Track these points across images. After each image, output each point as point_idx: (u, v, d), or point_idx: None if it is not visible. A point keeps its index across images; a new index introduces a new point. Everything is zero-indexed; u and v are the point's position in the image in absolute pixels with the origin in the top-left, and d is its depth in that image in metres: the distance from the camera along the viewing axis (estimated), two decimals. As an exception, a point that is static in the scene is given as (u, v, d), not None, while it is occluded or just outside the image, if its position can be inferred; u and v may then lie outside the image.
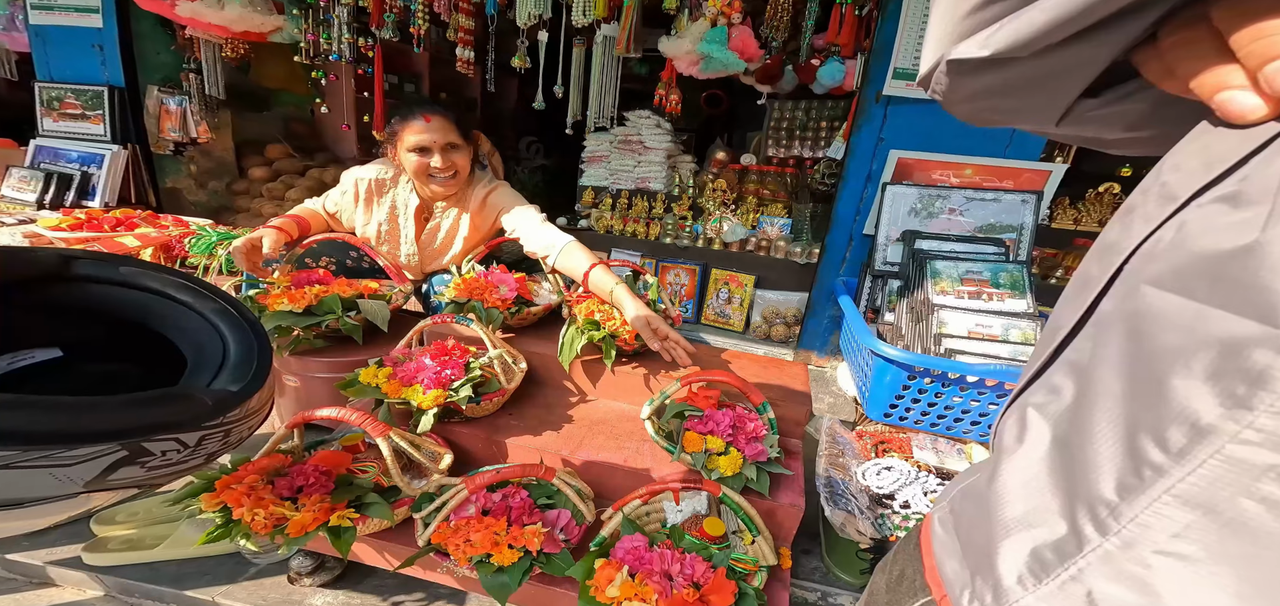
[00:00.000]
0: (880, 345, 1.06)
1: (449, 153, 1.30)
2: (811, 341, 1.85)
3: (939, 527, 0.34)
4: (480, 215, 1.46)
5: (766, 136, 2.26)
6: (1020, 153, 1.29)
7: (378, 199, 1.47)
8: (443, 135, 1.28)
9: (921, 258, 1.26)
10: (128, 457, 0.51)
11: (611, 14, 2.00)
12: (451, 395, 1.12)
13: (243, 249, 1.24)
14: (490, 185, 1.46)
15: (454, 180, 1.35)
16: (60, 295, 0.64)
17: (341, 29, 2.12)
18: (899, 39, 1.25)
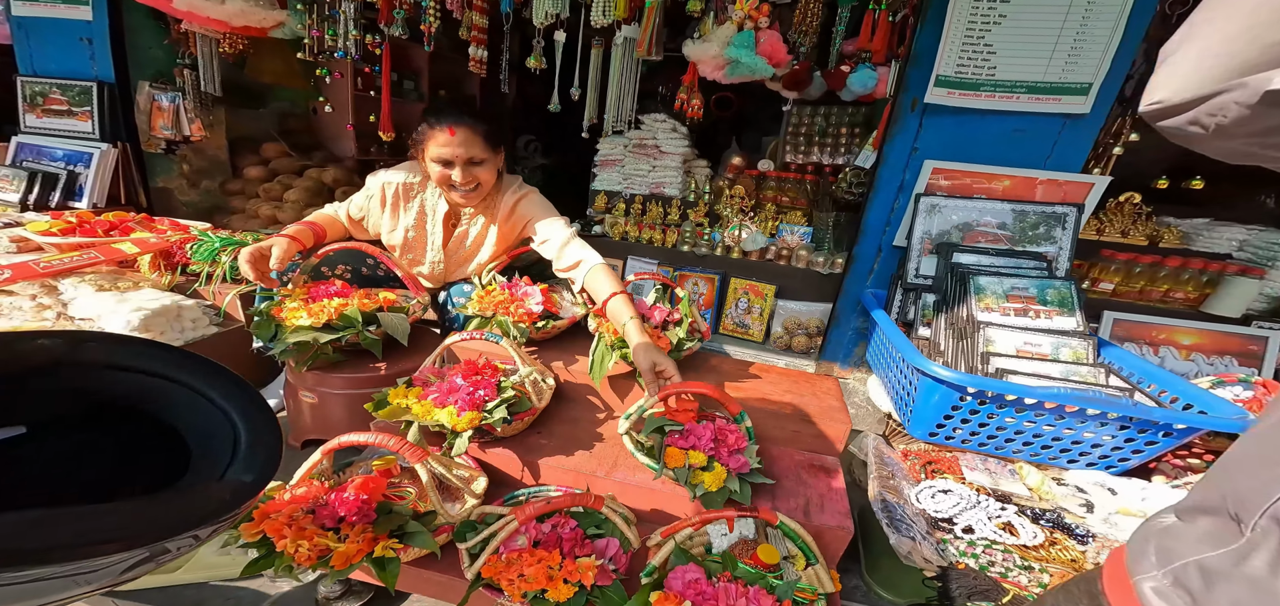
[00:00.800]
0: (930, 365, 1.06)
1: (471, 168, 1.28)
2: (835, 353, 1.85)
3: (1159, 600, 0.33)
4: (508, 224, 1.45)
5: (784, 142, 2.25)
6: (1061, 164, 1.30)
7: (405, 204, 1.44)
8: (466, 149, 1.25)
9: (961, 272, 1.26)
10: (148, 558, 0.49)
11: (632, 15, 1.98)
12: (486, 417, 1.09)
13: (250, 258, 1.20)
14: (519, 192, 1.44)
15: (475, 193, 1.32)
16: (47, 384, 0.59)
17: (348, 25, 2.06)
18: (943, 46, 1.25)
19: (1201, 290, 1.67)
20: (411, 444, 0.92)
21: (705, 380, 1.59)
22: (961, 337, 1.23)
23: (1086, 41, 1.15)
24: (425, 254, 1.48)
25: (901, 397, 1.28)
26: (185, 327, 1.40)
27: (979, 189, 1.35)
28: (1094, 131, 1.24)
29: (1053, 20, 1.16)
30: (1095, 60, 1.15)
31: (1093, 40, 1.14)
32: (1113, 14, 1.11)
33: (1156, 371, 1.12)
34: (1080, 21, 1.14)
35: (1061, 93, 1.20)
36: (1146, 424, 0.98)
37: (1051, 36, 1.17)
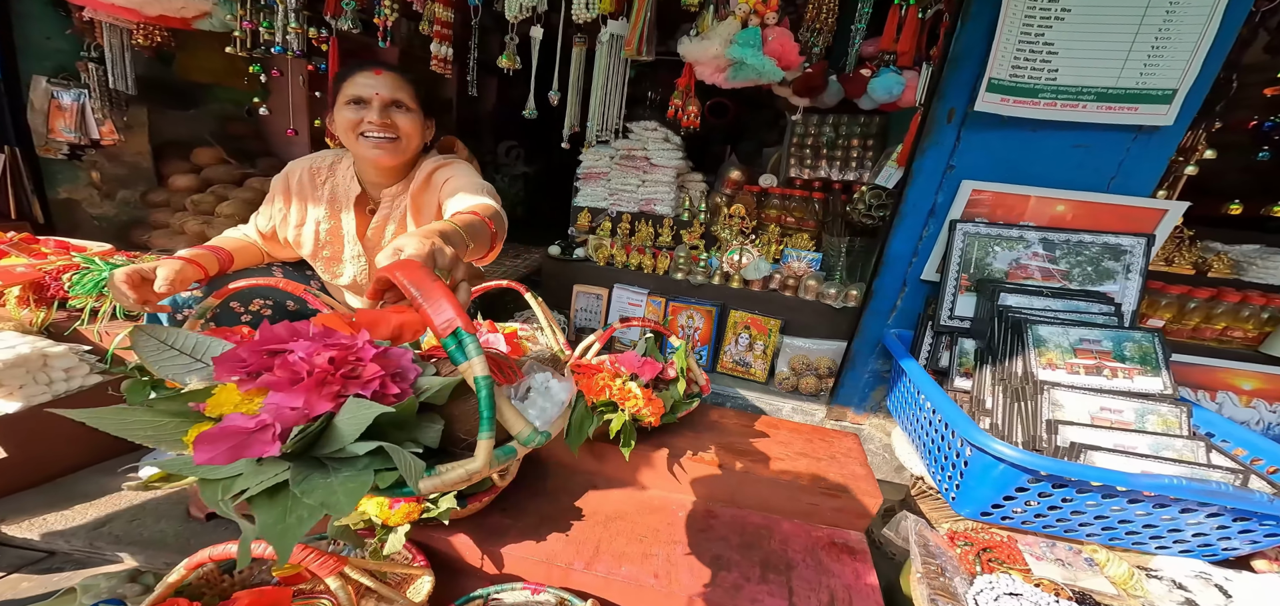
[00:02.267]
0: (993, 442, 0.86)
1: (392, 110, 1.09)
2: (849, 397, 1.66)
3: None
4: (424, 195, 1.18)
5: (788, 154, 2.07)
6: (1128, 186, 1.12)
7: (314, 191, 1.19)
8: (389, 90, 1.08)
9: (1013, 319, 1.07)
10: None
11: (620, 9, 1.79)
12: (428, 507, 0.86)
13: (126, 279, 0.89)
14: (439, 161, 1.20)
15: (394, 146, 1.11)
16: None
17: (287, 17, 1.82)
18: (997, 44, 1.07)
19: (1261, 328, 1.52)
20: (319, 551, 0.69)
21: (704, 440, 1.39)
22: (1018, 398, 1.04)
23: (1171, 40, 0.98)
24: (343, 251, 1.23)
25: (940, 462, 1.08)
26: (54, 380, 1.13)
27: (1028, 215, 1.17)
28: (1171, 147, 1.07)
29: (1129, 16, 0.99)
30: (1181, 63, 0.98)
31: (1178, 39, 0.97)
32: (1204, 9, 0.94)
33: (1263, 442, 0.95)
34: (1164, 17, 0.97)
35: (1139, 100, 1.02)
36: (1270, 517, 0.80)
37: (1128, 34, 1.00)
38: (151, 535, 1.01)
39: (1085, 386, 0.97)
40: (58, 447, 1.15)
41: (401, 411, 0.46)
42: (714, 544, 1.12)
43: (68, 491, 1.10)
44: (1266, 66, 1.35)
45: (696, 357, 1.87)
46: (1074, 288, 1.13)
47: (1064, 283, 1.14)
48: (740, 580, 1.03)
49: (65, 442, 1.15)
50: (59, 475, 1.15)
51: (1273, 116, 1.34)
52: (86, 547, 0.98)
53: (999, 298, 1.11)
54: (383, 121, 1.08)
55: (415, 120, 1.13)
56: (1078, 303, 1.09)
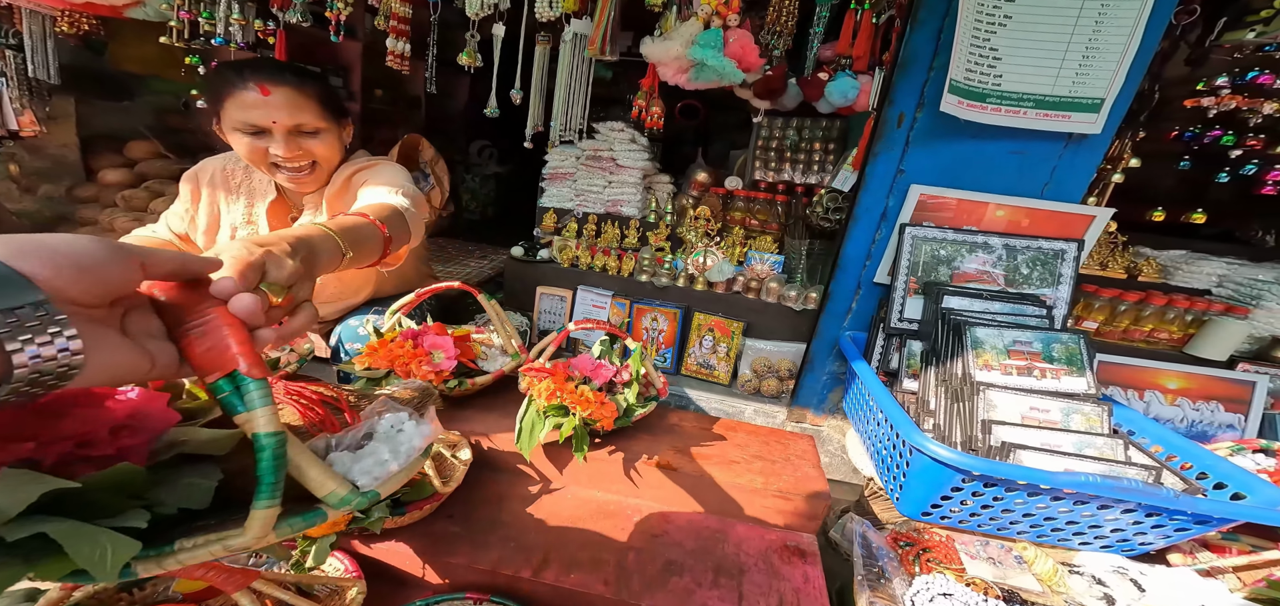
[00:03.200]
0: (929, 443, 0.89)
1: (299, 138, 0.97)
2: (808, 398, 1.69)
3: None
4: (341, 200, 1.08)
5: (753, 157, 2.10)
6: (1060, 192, 1.18)
7: (227, 194, 1.10)
8: (289, 114, 0.94)
9: (954, 321, 1.11)
10: None
11: (584, 8, 1.78)
12: (360, 519, 0.83)
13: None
14: (361, 163, 1.09)
15: (313, 174, 1.03)
16: None
17: (230, 7, 1.74)
18: (956, 46, 1.10)
19: (1185, 330, 1.62)
20: (224, 567, 0.66)
21: (663, 442, 1.39)
22: (957, 399, 1.08)
23: (1099, 50, 1.03)
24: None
25: (888, 464, 1.12)
26: None
27: (970, 220, 1.22)
28: (1099, 155, 1.13)
29: (1062, 24, 1.03)
30: (1108, 73, 1.04)
31: (1106, 49, 1.03)
32: (1128, 20, 1.00)
33: (1177, 440, 1.01)
34: (1093, 27, 1.02)
35: (1072, 109, 1.08)
36: (1179, 512, 0.85)
37: (1062, 42, 1.04)
38: None
39: (1017, 387, 1.01)
40: None
41: (100, 481, 0.35)
42: (667, 548, 1.12)
43: None
44: (1187, 79, 1.44)
45: (660, 361, 1.88)
46: (1011, 291, 1.18)
47: (1003, 286, 1.18)
48: (692, 585, 1.03)
49: None
50: None
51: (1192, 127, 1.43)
52: None
53: (943, 300, 1.15)
54: (292, 153, 0.96)
55: (329, 138, 1.01)
56: (1015, 306, 1.14)
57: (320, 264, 0.56)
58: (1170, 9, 1.05)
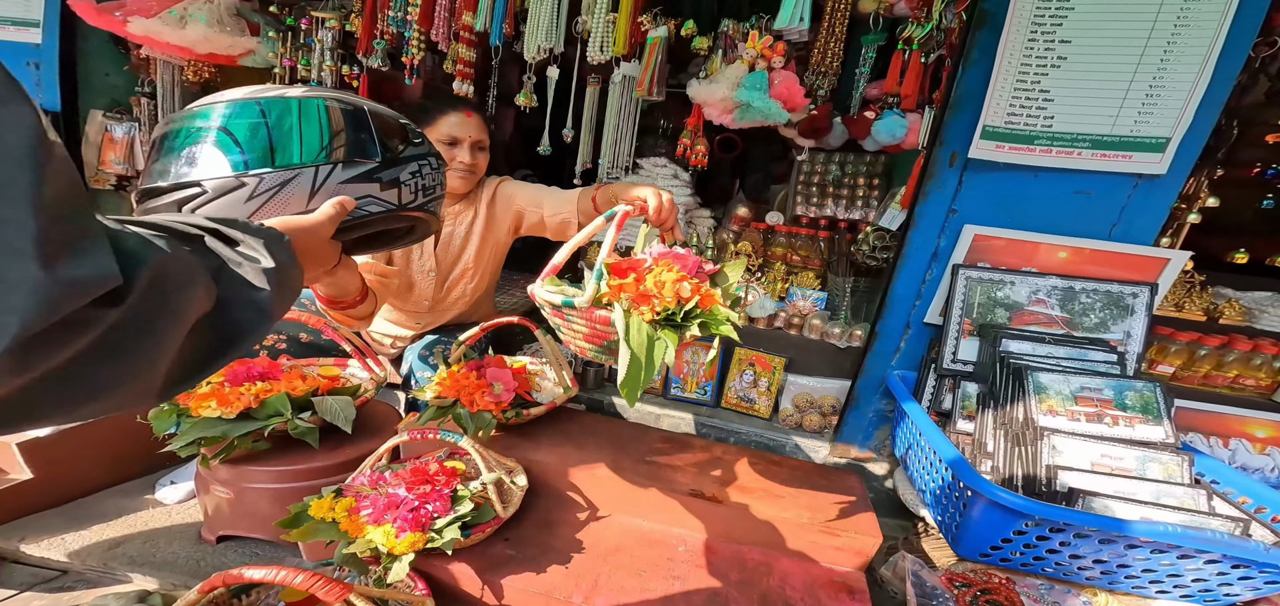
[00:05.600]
0: (995, 489, 0.86)
1: (475, 151, 1.33)
2: (852, 435, 1.64)
3: None
4: (492, 211, 1.44)
5: (795, 192, 2.10)
6: (1130, 234, 1.13)
7: None
8: (476, 133, 1.33)
9: (1015, 365, 1.07)
10: None
11: (632, 52, 1.86)
12: (433, 538, 0.88)
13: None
14: (495, 182, 1.46)
15: (470, 178, 1.35)
16: None
17: (324, 55, 1.93)
18: (991, 92, 1.09)
19: (1274, 376, 1.48)
20: (326, 578, 0.71)
21: (706, 474, 1.39)
22: (1018, 443, 1.03)
23: (1165, 89, 0.99)
24: (413, 265, 1.40)
25: (942, 504, 1.07)
26: None
27: (1031, 261, 1.18)
28: (1171, 196, 1.07)
29: (1123, 64, 1.01)
30: (1174, 112, 1.00)
31: (1172, 88, 0.99)
32: (1197, 59, 0.96)
33: (1268, 491, 0.92)
34: (1158, 66, 0.99)
35: (1133, 149, 1.04)
36: (1270, 565, 0.78)
37: (1122, 83, 1.02)
38: (165, 557, 1.04)
39: (1085, 433, 0.96)
40: (82, 469, 1.19)
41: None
42: (712, 580, 1.11)
43: (88, 512, 1.14)
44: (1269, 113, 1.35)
45: (700, 393, 1.87)
46: (1077, 335, 1.12)
47: (1067, 330, 1.13)
48: (738, 619, 1.01)
49: (89, 464, 1.20)
50: (81, 495, 1.19)
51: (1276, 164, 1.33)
52: (100, 567, 1.01)
53: (1001, 343, 1.10)
54: (470, 161, 1.31)
55: (486, 157, 1.38)
56: (1080, 350, 1.09)
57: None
58: (1248, 42, 1.00)
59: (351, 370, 1.26)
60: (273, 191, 0.59)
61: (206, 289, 0.37)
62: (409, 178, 0.70)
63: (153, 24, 1.66)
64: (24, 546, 1.02)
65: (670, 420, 1.82)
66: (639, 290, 0.71)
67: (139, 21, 1.66)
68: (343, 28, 1.96)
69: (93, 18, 1.72)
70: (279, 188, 0.59)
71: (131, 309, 0.30)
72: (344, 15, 1.95)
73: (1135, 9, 1.00)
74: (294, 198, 0.60)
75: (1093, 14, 1.04)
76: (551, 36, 1.85)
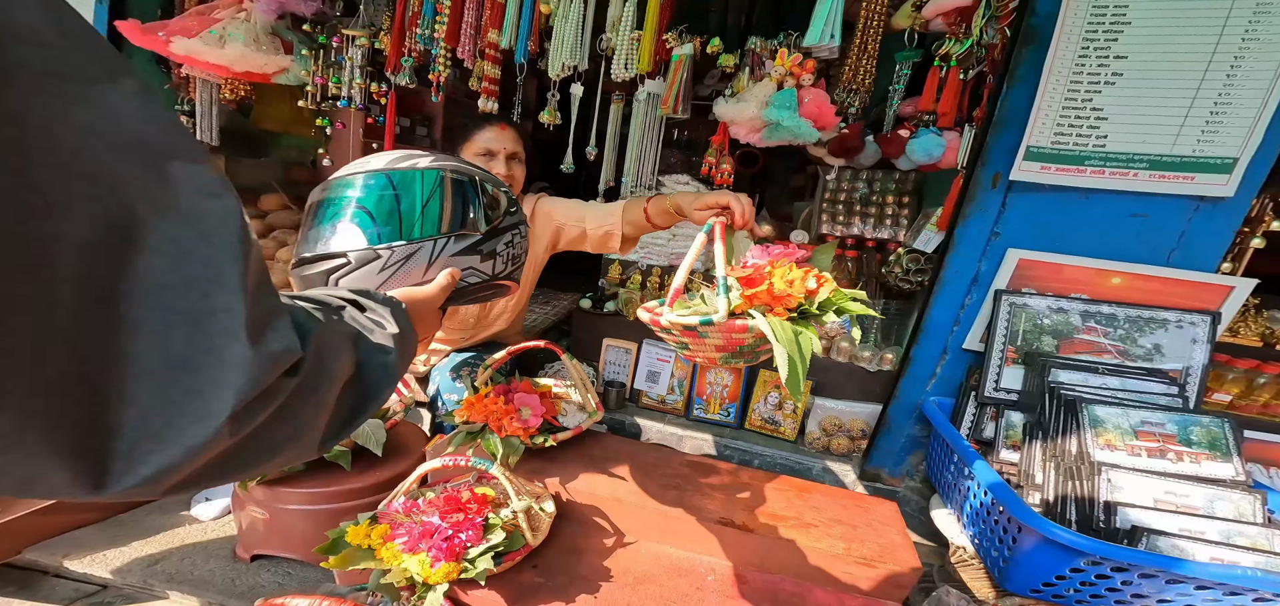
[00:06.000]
0: (1056, 529, 0.81)
1: (511, 162, 1.39)
2: (883, 460, 1.59)
3: None
4: (532, 227, 1.44)
5: (820, 210, 2.06)
6: (1190, 260, 1.07)
7: None
8: (511, 145, 1.38)
9: (1067, 397, 1.02)
10: None
11: (657, 69, 1.85)
12: (467, 568, 0.86)
13: None
14: (536, 197, 1.50)
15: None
16: None
17: (354, 72, 1.96)
18: (1036, 111, 1.05)
19: (1342, 407, 1.39)
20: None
21: (734, 500, 1.35)
22: (1072, 478, 0.98)
23: (1231, 107, 0.94)
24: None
25: (986, 535, 1.02)
26: None
27: (1081, 287, 1.13)
28: (1237, 219, 1.02)
29: (1185, 81, 0.96)
30: (1242, 131, 0.94)
31: (1240, 107, 0.94)
32: (1266, 76, 0.91)
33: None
34: (1224, 83, 0.94)
35: (1196, 169, 0.98)
36: None
37: (1183, 101, 0.97)
38: (201, 574, 1.04)
39: (1148, 469, 0.91)
40: None
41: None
42: (745, 615, 1.07)
43: (128, 527, 1.15)
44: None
45: (724, 414, 1.84)
46: (1133, 365, 1.07)
47: (1121, 359, 1.07)
48: (774, 658, 0.97)
49: None
50: (120, 512, 1.20)
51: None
52: (139, 583, 1.01)
53: (1050, 373, 1.05)
54: (507, 172, 1.36)
55: (523, 168, 1.43)
56: (1136, 381, 1.03)
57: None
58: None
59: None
60: (401, 263, 0.65)
61: (351, 355, 0.42)
62: (503, 248, 0.76)
63: (194, 44, 1.71)
64: (67, 561, 1.03)
65: (692, 442, 1.79)
66: (772, 294, 0.75)
67: (181, 41, 1.71)
68: (372, 45, 1.99)
69: (138, 38, 1.78)
70: (406, 260, 0.66)
71: (304, 376, 0.34)
72: (373, 33, 1.98)
73: (1199, 25, 0.96)
74: (415, 269, 0.66)
75: (1151, 30, 0.99)
76: (576, 54, 1.85)
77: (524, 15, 1.87)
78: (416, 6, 1.91)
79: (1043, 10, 1.13)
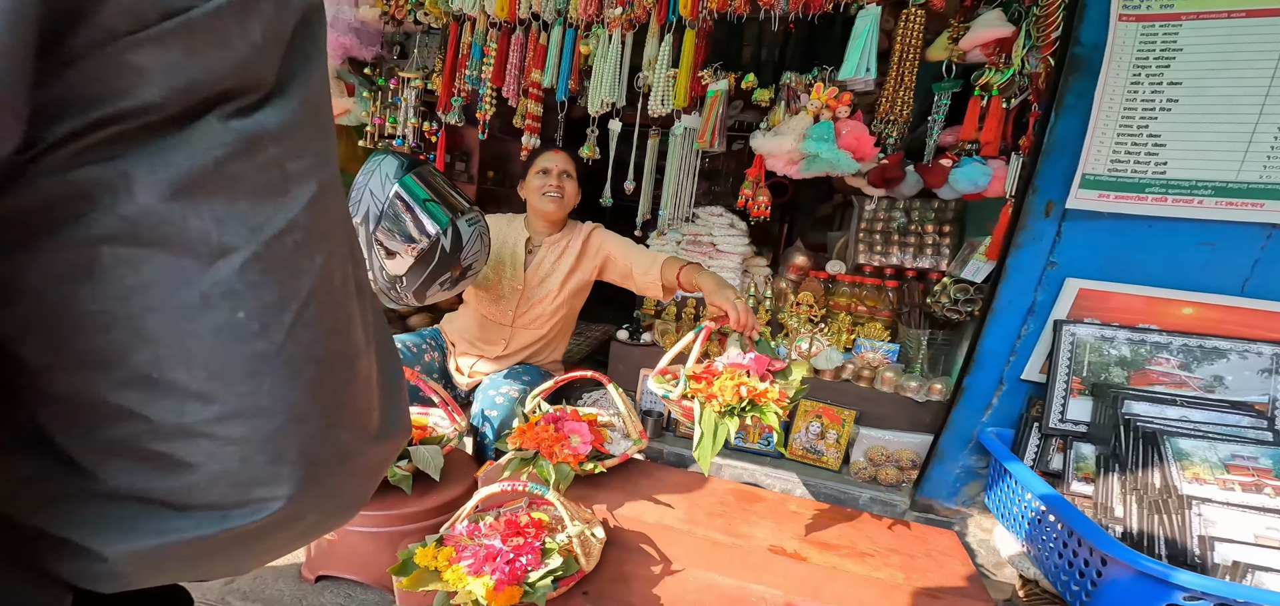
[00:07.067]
0: (1155, 565, 0.76)
1: (563, 178, 1.57)
2: (936, 490, 1.52)
3: None
4: (584, 249, 1.61)
5: (856, 240, 2.05)
6: (1266, 289, 1.02)
7: (497, 241, 1.61)
8: (564, 164, 1.58)
9: (1147, 430, 0.97)
10: None
11: (692, 104, 1.91)
12: (527, 592, 0.85)
13: None
14: (589, 227, 1.64)
15: (561, 201, 1.56)
16: None
17: (407, 112, 2.07)
18: (1090, 138, 1.04)
19: None
20: None
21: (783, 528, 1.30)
22: (1158, 512, 0.92)
23: (1299, 132, 0.92)
24: (504, 275, 1.62)
25: (1063, 569, 0.96)
26: None
27: (1149, 318, 1.08)
28: (1314, 248, 0.97)
29: (1245, 107, 0.94)
30: (1317, 156, 0.91)
31: (1309, 131, 0.91)
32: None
33: None
34: (1287, 103, 0.91)
35: (1264, 197, 0.95)
36: None
37: (1245, 127, 0.94)
38: (271, 593, 1.05)
39: (1244, 504, 0.84)
40: None
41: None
42: (805, 651, 1.02)
43: None
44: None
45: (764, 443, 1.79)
46: (1214, 398, 1.01)
47: (1201, 392, 1.02)
48: (840, 700, 0.92)
49: None
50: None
51: None
52: (217, 600, 1.03)
53: (1123, 405, 1.00)
54: (557, 184, 1.54)
55: (574, 185, 1.60)
56: (1219, 413, 0.97)
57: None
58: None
59: (434, 419, 1.27)
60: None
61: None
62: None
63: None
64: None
65: (731, 470, 1.74)
66: (708, 391, 1.04)
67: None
68: (425, 86, 2.11)
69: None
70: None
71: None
72: (426, 75, 2.10)
73: (1252, 50, 0.95)
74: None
75: (1204, 56, 0.98)
76: (614, 92, 1.93)
77: (565, 56, 1.97)
78: (465, 49, 2.02)
79: (1088, 40, 1.13)
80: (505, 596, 0.81)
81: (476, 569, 0.83)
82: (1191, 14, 0.98)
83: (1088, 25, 1.09)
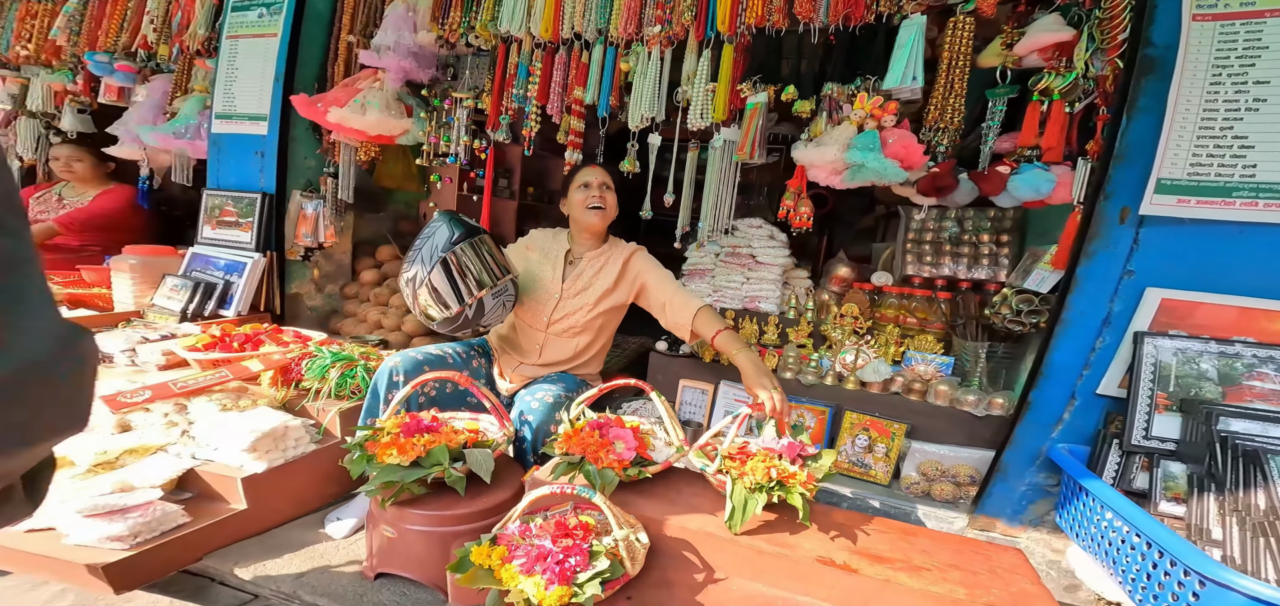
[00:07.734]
0: (1271, 592, 0.68)
1: (603, 190, 1.65)
2: (999, 508, 1.42)
3: None
4: (625, 269, 1.67)
5: (903, 250, 1.96)
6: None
7: (542, 248, 1.75)
8: (603, 177, 1.67)
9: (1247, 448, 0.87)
10: None
11: (732, 117, 1.90)
12: (576, 592, 0.87)
13: None
14: (631, 249, 1.71)
15: (602, 213, 1.64)
16: None
17: (460, 131, 2.19)
18: (1165, 141, 0.96)
19: None
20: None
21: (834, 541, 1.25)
22: (1264, 535, 0.82)
23: None
24: (543, 281, 1.69)
25: (1152, 591, 0.87)
26: (289, 448, 1.36)
27: (1242, 330, 0.98)
28: None
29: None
30: None
31: None
32: None
33: None
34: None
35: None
36: None
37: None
38: (337, 588, 1.13)
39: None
40: (277, 503, 1.33)
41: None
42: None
43: (279, 541, 1.27)
44: None
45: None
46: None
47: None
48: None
49: (283, 499, 1.34)
50: (272, 526, 1.32)
51: None
52: (288, 593, 1.11)
53: (1218, 422, 0.91)
54: (599, 196, 1.62)
55: (613, 200, 1.67)
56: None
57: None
58: None
59: (484, 424, 1.33)
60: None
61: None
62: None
63: (343, 112, 2.00)
64: (237, 570, 1.16)
65: (776, 483, 1.70)
66: (742, 470, 1.17)
67: (335, 111, 2.00)
68: (475, 105, 2.23)
69: (305, 110, 2.10)
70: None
71: None
72: (476, 94, 2.22)
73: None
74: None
75: (1298, 49, 0.89)
76: (654, 106, 1.95)
77: (606, 73, 2.02)
78: (512, 69, 2.12)
79: (1160, 40, 1.05)
80: (556, 595, 0.82)
81: (528, 568, 0.86)
82: (1275, 11, 0.89)
83: (1158, 26, 1.02)
